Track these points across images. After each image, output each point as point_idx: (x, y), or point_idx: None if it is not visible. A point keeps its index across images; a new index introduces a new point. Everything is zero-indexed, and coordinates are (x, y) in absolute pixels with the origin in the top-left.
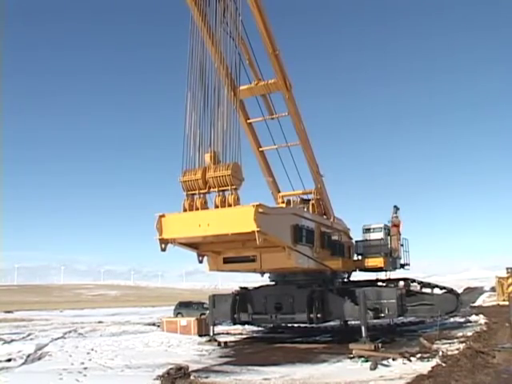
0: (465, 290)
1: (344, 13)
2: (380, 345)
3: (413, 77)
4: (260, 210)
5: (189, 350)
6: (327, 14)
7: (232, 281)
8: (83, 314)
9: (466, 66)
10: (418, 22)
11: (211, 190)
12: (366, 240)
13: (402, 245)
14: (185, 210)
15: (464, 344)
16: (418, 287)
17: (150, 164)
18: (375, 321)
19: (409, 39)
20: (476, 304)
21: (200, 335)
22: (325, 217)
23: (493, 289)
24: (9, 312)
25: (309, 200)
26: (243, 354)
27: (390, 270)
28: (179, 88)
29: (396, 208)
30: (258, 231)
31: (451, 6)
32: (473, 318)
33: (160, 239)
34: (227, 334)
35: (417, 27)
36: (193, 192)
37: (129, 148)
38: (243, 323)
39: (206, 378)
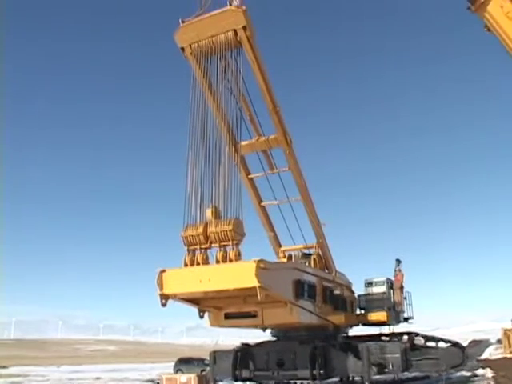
0: (470, 342)
1: (344, 65)
2: None
3: (416, 131)
4: (261, 265)
5: None
6: (329, 66)
7: (234, 336)
8: (81, 369)
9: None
10: (418, 61)
11: (212, 245)
12: (369, 294)
13: (405, 298)
14: (186, 265)
15: None
16: (423, 341)
17: (150, 218)
18: (379, 376)
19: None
20: (482, 357)
21: None
22: (326, 271)
23: (499, 341)
24: (4, 367)
25: (310, 254)
26: None
27: (394, 324)
28: (180, 143)
29: (398, 261)
30: (259, 287)
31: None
32: (480, 371)
33: (161, 295)
34: None
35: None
36: (194, 247)
37: (128, 202)
38: (245, 380)
39: None
